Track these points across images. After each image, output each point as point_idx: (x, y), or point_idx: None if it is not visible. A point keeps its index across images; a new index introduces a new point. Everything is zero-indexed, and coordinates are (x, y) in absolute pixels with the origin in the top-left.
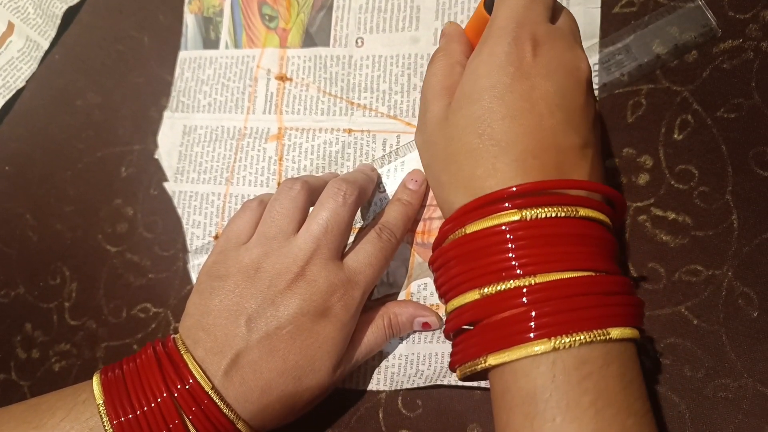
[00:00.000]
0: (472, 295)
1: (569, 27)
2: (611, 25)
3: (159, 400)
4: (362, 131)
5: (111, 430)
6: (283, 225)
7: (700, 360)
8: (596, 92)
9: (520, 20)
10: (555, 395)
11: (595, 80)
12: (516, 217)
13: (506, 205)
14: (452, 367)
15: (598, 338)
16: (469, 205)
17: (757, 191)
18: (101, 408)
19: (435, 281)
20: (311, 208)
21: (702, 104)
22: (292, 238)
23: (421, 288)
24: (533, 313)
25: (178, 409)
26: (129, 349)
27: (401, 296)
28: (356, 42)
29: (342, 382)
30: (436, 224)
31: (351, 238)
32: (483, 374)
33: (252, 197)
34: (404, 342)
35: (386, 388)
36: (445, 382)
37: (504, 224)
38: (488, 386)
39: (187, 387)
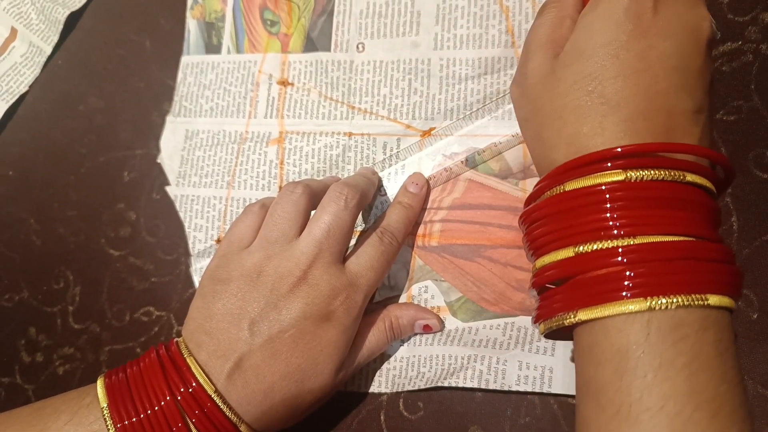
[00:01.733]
0: (566, 252)
1: None
2: None
3: (162, 403)
4: (362, 134)
5: None
6: (285, 229)
7: None
8: None
9: None
10: (648, 353)
11: None
12: (620, 177)
13: (610, 165)
14: (536, 321)
15: (696, 303)
16: (572, 163)
17: (757, 193)
18: (105, 411)
19: (525, 236)
20: (313, 212)
21: None
22: (294, 242)
23: (422, 291)
24: (630, 273)
25: (182, 412)
26: (132, 353)
27: (402, 299)
28: (357, 47)
29: (344, 385)
30: (437, 227)
31: (353, 242)
32: (566, 332)
33: (253, 201)
34: (405, 344)
35: (388, 391)
36: (447, 384)
37: (607, 184)
38: (489, 388)
39: (190, 390)
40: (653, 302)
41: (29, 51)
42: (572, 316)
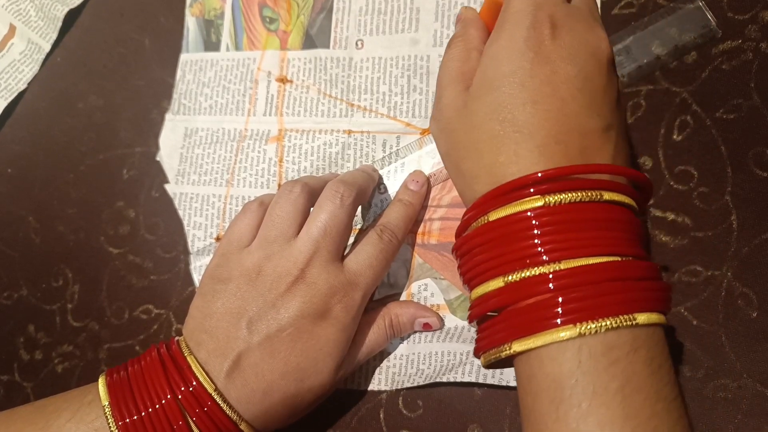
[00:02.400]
0: (497, 283)
1: (587, 6)
2: (610, 26)
3: (163, 401)
4: (362, 132)
5: (116, 431)
6: (283, 228)
7: (700, 360)
8: None
9: (537, 2)
10: (581, 381)
11: None
12: (540, 203)
13: (530, 191)
14: (477, 354)
15: (625, 323)
16: (492, 193)
17: (757, 192)
18: (107, 409)
19: (459, 268)
20: (312, 209)
21: (701, 105)
22: (293, 241)
23: (421, 289)
24: (559, 299)
25: (182, 410)
26: (131, 351)
27: (402, 297)
28: (356, 44)
29: (343, 383)
30: (437, 225)
31: (352, 239)
32: (508, 361)
33: (252, 198)
34: (405, 342)
35: (387, 388)
36: (445, 380)
37: (528, 210)
38: (487, 382)
39: (191, 389)
40: (583, 328)
41: (28, 48)
42: (507, 348)
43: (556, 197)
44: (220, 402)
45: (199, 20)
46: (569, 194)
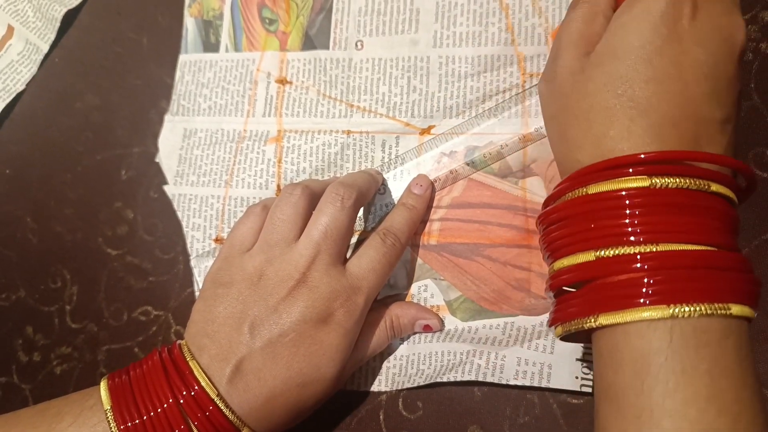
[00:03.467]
0: (586, 256)
1: None
2: None
3: (165, 405)
4: (361, 132)
5: None
6: (284, 231)
7: None
8: None
9: None
10: (671, 359)
11: None
12: (645, 183)
13: (637, 170)
14: (553, 324)
15: (718, 312)
16: (597, 165)
17: (757, 192)
18: (109, 413)
19: (543, 237)
20: (313, 213)
21: None
22: (294, 245)
23: (421, 290)
24: (652, 279)
25: (184, 415)
26: (130, 352)
27: (401, 296)
28: (356, 45)
29: (343, 384)
30: (437, 226)
31: (355, 238)
32: (583, 335)
33: (251, 199)
34: (405, 343)
35: (387, 389)
36: (445, 379)
37: (631, 189)
38: (487, 380)
39: (193, 393)
40: (676, 309)
41: (26, 49)
42: (593, 320)
43: (663, 180)
44: (222, 407)
45: (197, 21)
46: (678, 179)
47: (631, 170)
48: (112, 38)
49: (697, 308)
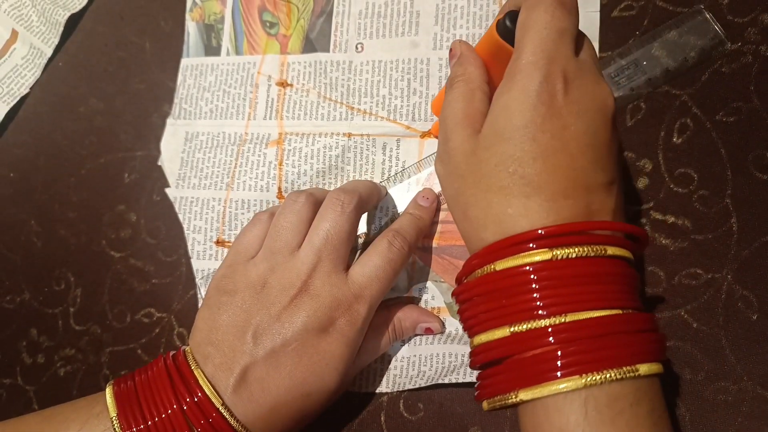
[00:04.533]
0: (502, 332)
1: (592, 58)
2: (610, 29)
3: (169, 412)
4: (362, 135)
5: None
6: (287, 239)
7: (700, 363)
8: None
9: (550, 55)
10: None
11: None
12: (547, 257)
13: (538, 244)
14: (480, 399)
15: (628, 375)
16: (501, 243)
17: (757, 194)
18: (115, 421)
19: (461, 314)
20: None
21: (701, 108)
22: (296, 252)
23: (422, 292)
24: (563, 352)
25: (188, 421)
26: (133, 354)
27: (401, 298)
28: (356, 47)
29: (346, 388)
30: (437, 228)
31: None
32: (510, 407)
33: (253, 202)
34: (407, 345)
35: (389, 390)
36: (447, 381)
37: (535, 263)
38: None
39: (196, 400)
40: (588, 379)
41: (30, 53)
42: (514, 396)
43: (563, 251)
44: (227, 416)
45: (199, 25)
46: (575, 248)
47: (532, 245)
48: (116, 43)
49: (608, 375)
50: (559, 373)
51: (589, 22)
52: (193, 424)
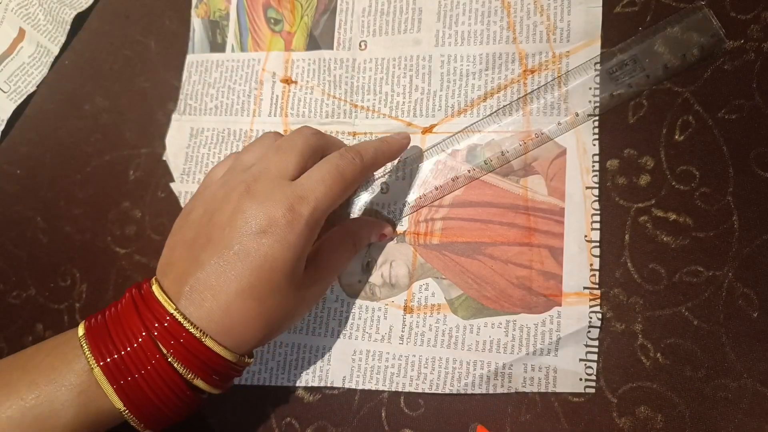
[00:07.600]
0: None
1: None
2: (612, 24)
3: (140, 340)
4: (365, 134)
5: (98, 370)
6: (245, 159)
7: (700, 360)
8: (601, 101)
9: None
10: None
11: (600, 89)
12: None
13: None
14: None
15: None
16: None
17: (758, 192)
18: (87, 351)
19: None
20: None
21: (703, 105)
22: (249, 168)
23: (422, 288)
24: None
25: (156, 344)
26: None
27: (403, 297)
28: (359, 45)
29: (341, 380)
30: (439, 225)
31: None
32: None
33: None
34: (401, 341)
35: (386, 389)
36: (455, 391)
37: None
38: (497, 392)
39: (166, 325)
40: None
41: (37, 51)
42: None
43: None
44: (179, 318)
45: (204, 21)
46: None
47: None
48: (121, 41)
49: None
50: None
51: (591, 18)
52: (161, 343)
